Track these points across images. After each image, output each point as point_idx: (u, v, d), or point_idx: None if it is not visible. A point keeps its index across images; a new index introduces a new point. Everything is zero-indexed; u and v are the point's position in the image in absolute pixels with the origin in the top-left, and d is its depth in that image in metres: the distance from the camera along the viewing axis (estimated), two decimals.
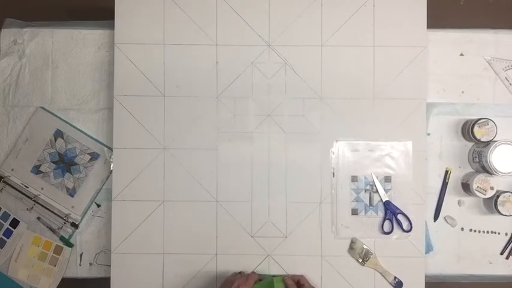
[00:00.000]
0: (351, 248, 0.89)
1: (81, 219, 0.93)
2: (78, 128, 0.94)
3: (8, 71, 0.95)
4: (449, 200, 0.92)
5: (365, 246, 0.89)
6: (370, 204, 0.90)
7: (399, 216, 0.89)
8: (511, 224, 0.91)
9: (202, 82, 0.91)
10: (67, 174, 0.93)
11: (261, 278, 0.86)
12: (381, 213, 0.90)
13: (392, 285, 0.88)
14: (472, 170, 0.92)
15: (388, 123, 0.90)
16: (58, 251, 0.93)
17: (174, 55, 0.92)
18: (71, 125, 0.94)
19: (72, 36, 0.95)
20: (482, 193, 0.87)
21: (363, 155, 0.91)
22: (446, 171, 0.92)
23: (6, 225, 0.92)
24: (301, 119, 0.91)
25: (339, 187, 0.90)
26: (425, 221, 0.90)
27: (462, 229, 0.92)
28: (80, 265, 0.93)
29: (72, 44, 0.95)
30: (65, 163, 0.93)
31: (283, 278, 0.84)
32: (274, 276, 0.87)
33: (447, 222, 0.92)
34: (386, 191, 0.90)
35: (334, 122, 0.91)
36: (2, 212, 0.93)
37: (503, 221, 0.91)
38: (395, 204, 0.89)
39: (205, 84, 0.91)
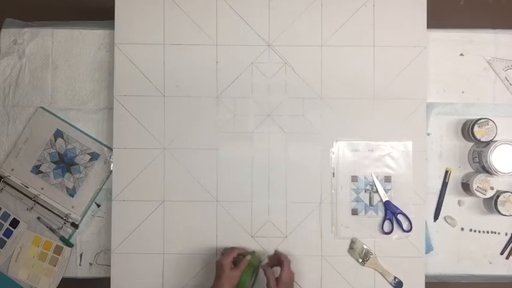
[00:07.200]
0: (351, 248, 0.89)
1: (81, 219, 0.93)
2: (78, 128, 0.94)
3: (8, 71, 0.95)
4: (449, 200, 0.92)
5: (365, 246, 0.89)
6: (370, 204, 0.90)
7: (399, 216, 0.89)
8: (511, 224, 0.91)
9: (202, 82, 0.91)
10: (67, 174, 0.93)
11: (243, 253, 0.84)
12: (381, 213, 0.90)
13: (392, 285, 0.88)
14: (472, 170, 0.92)
15: (388, 123, 0.90)
16: (58, 251, 0.93)
17: (174, 55, 0.91)
18: (71, 125, 0.94)
19: (72, 36, 0.95)
20: (482, 193, 0.87)
21: (362, 155, 0.91)
22: (446, 171, 0.92)
23: (6, 225, 0.92)
24: (301, 119, 0.91)
25: (339, 187, 0.90)
26: (425, 221, 0.90)
27: (462, 229, 0.92)
28: (80, 265, 0.93)
29: (72, 44, 0.95)
30: (65, 163, 0.93)
31: (262, 265, 0.83)
32: (253, 251, 0.86)
33: (447, 222, 0.92)
34: (386, 191, 0.90)
35: (334, 122, 0.91)
36: (2, 212, 0.93)
37: (503, 221, 0.91)
38: (395, 204, 0.89)
39: (205, 84, 0.91)
